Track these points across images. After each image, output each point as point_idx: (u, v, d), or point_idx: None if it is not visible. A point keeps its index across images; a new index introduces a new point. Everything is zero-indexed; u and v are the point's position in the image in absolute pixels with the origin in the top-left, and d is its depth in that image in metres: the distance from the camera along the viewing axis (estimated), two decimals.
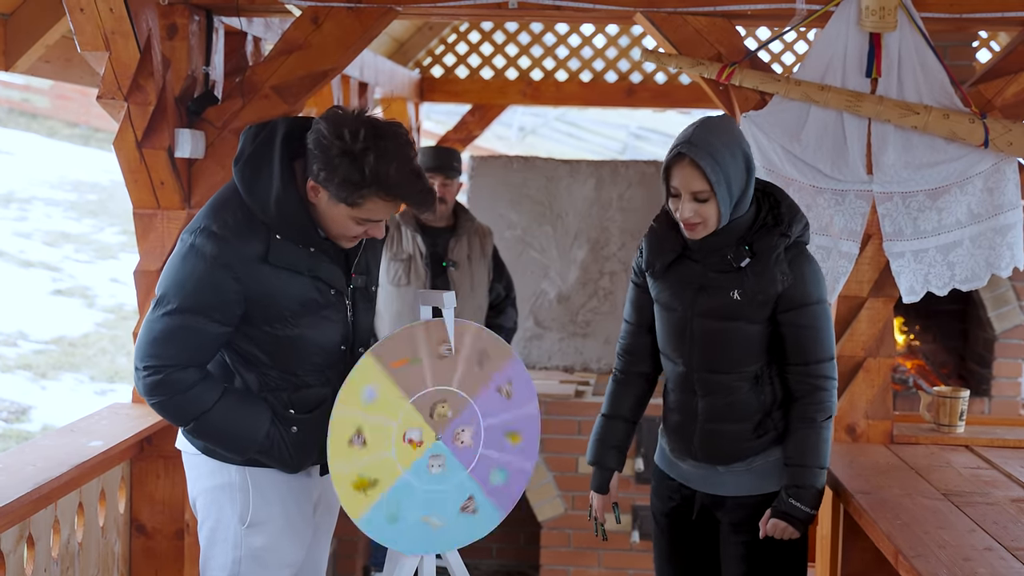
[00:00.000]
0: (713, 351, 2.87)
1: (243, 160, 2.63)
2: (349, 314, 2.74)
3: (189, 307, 2.56)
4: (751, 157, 2.81)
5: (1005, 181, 3.47)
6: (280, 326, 2.63)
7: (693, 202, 2.77)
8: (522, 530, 5.67)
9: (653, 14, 3.56)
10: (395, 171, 2.54)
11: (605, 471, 3.09)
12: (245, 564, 2.74)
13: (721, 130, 2.77)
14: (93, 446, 3.22)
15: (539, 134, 21.14)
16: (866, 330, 3.56)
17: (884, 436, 3.58)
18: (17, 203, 13.92)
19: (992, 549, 2.56)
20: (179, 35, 3.57)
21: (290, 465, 2.73)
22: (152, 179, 3.54)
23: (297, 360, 2.68)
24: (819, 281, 2.86)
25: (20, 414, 8.13)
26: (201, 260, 2.56)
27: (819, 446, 2.83)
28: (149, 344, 2.58)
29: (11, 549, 2.80)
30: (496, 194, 5.96)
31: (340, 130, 2.53)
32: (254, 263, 2.58)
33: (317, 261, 2.66)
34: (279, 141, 2.61)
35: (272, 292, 2.60)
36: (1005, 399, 5.44)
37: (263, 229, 2.60)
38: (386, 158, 2.53)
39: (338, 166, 2.52)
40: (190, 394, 2.59)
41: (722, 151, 2.73)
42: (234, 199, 2.63)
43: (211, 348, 2.62)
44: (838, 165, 3.47)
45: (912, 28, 3.44)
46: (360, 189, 2.54)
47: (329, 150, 2.52)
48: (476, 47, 7.27)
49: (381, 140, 2.54)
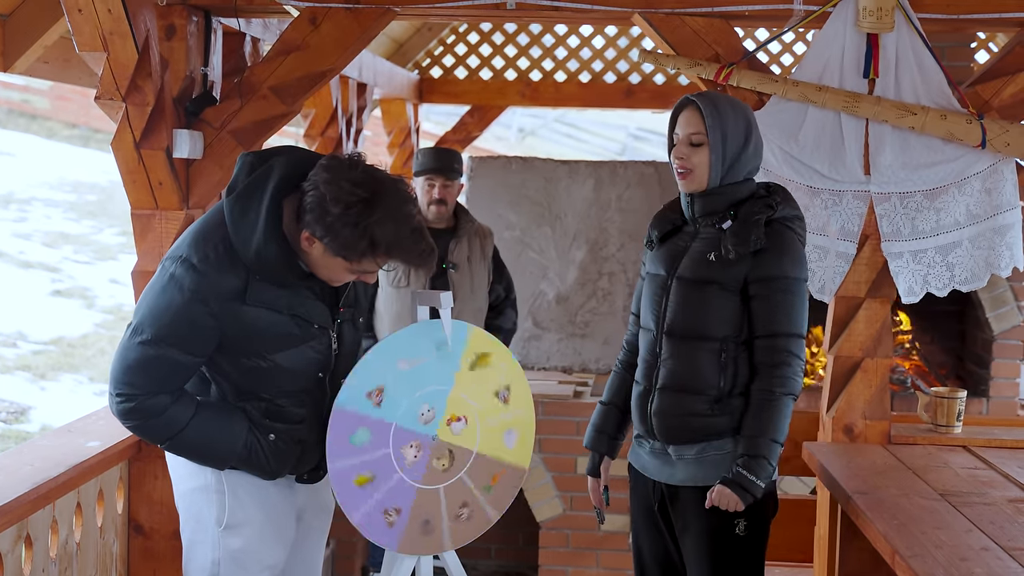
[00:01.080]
0: (683, 312, 2.90)
1: (234, 195, 2.59)
2: (333, 346, 2.74)
3: (163, 338, 2.56)
4: (755, 131, 2.92)
5: (1003, 181, 3.47)
6: (255, 359, 2.64)
7: (687, 146, 2.90)
8: (520, 530, 5.67)
9: (651, 15, 3.56)
10: (395, 237, 2.52)
11: (596, 455, 3.15)
12: (224, 566, 2.75)
13: (734, 99, 2.96)
14: (91, 446, 3.22)
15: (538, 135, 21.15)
16: (863, 331, 3.56)
17: (882, 436, 3.58)
18: (16, 204, 13.92)
19: (989, 549, 2.56)
20: (177, 36, 3.57)
21: (268, 472, 2.74)
22: (150, 180, 3.54)
23: (271, 387, 2.68)
24: (796, 259, 2.87)
25: (19, 415, 8.13)
26: (179, 293, 2.56)
27: (775, 419, 2.80)
28: (123, 372, 2.59)
29: (9, 549, 2.80)
30: (495, 195, 5.96)
31: (339, 192, 2.48)
32: (231, 300, 2.58)
33: (298, 299, 2.64)
34: (271, 187, 2.56)
35: (248, 329, 2.60)
36: (1003, 400, 5.43)
37: (243, 266, 2.58)
38: (386, 224, 2.50)
39: (338, 231, 2.50)
40: (163, 417, 2.61)
41: (725, 106, 2.89)
42: (219, 231, 2.60)
43: (184, 377, 2.63)
44: (835, 166, 3.47)
45: (909, 29, 3.44)
46: (360, 254, 2.53)
47: (328, 213, 2.49)
48: (475, 48, 7.28)
49: (381, 204, 2.50)
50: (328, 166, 2.53)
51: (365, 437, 2.68)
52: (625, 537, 5.13)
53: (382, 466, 2.71)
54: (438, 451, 2.77)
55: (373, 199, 2.50)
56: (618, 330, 5.92)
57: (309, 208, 2.52)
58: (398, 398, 2.71)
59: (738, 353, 2.87)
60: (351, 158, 2.56)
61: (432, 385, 2.77)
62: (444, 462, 2.78)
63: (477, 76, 7.32)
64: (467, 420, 2.81)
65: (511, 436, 2.90)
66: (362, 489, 2.69)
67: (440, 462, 2.78)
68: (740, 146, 2.88)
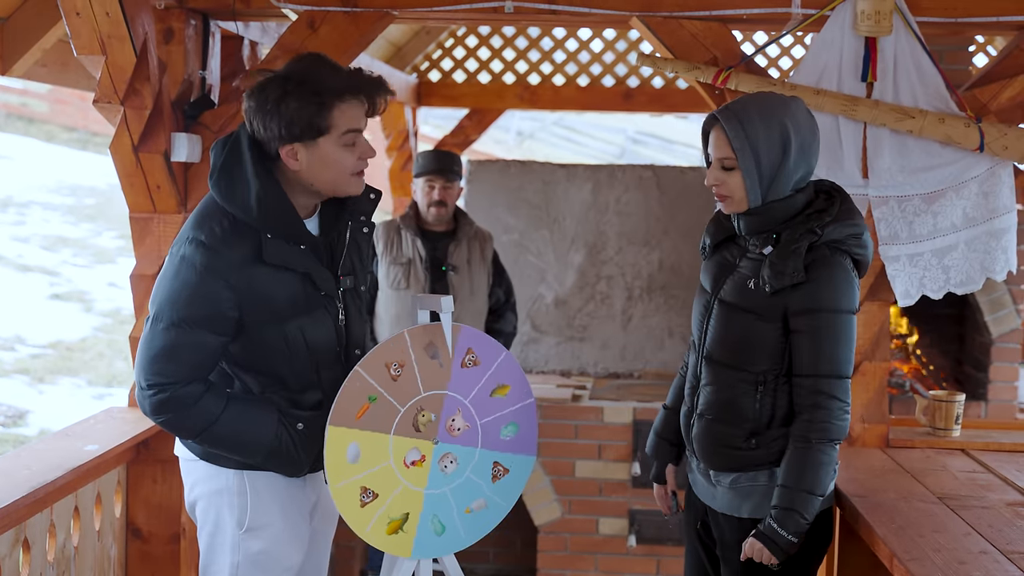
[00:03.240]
0: (722, 339, 2.76)
1: (216, 172, 2.61)
2: (341, 316, 2.74)
3: (185, 320, 2.54)
4: (795, 138, 2.65)
5: (1000, 185, 3.48)
6: (272, 328, 2.62)
7: (719, 170, 2.71)
8: (519, 534, 5.67)
9: (649, 18, 3.56)
10: (329, 75, 2.57)
11: (659, 462, 3.08)
12: (244, 568, 2.74)
13: (766, 103, 2.68)
14: (89, 450, 3.22)
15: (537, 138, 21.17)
16: (862, 334, 3.55)
17: (880, 440, 3.58)
18: (15, 207, 13.92)
19: (987, 553, 2.56)
20: (175, 39, 3.58)
21: (296, 464, 2.71)
22: (148, 183, 3.54)
23: (291, 362, 2.67)
24: (840, 290, 2.65)
25: (17, 418, 8.12)
26: (192, 272, 2.54)
27: (811, 469, 2.63)
28: (151, 362, 2.56)
29: (6, 553, 2.80)
30: (493, 198, 5.97)
31: (263, 89, 2.56)
32: (247, 266, 2.57)
33: (309, 259, 2.65)
34: (245, 145, 2.60)
35: (266, 293, 2.59)
36: (1001, 403, 5.43)
37: (251, 232, 2.59)
38: (315, 72, 2.55)
39: (288, 109, 2.53)
40: (196, 407, 2.57)
41: (754, 120, 2.64)
42: (217, 209, 2.61)
43: (212, 359, 2.61)
44: (833, 169, 3.47)
45: (907, 32, 3.45)
46: (320, 109, 2.54)
47: (268, 108, 2.54)
48: (473, 51, 7.28)
49: (298, 65, 2.58)
50: (247, 91, 2.62)
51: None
52: (623, 541, 5.13)
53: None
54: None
55: (287, 69, 2.57)
56: (616, 333, 5.92)
57: (262, 127, 2.57)
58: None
59: (778, 386, 2.72)
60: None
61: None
62: (429, 416, 2.77)
63: (475, 79, 7.32)
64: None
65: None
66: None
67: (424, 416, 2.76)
68: (777, 163, 2.65)
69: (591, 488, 5.13)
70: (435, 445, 2.75)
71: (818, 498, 2.64)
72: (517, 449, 2.87)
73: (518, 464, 2.87)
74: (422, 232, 4.65)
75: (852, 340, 2.69)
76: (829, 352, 2.65)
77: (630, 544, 5.12)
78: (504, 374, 2.85)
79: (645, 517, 5.11)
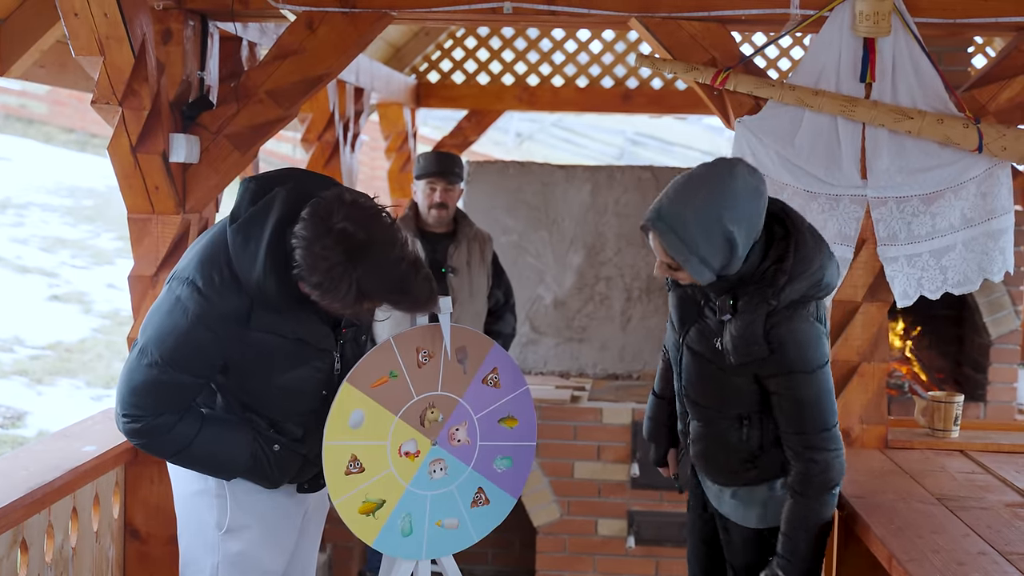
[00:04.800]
0: (695, 384, 2.82)
1: (236, 224, 2.56)
2: (336, 366, 2.74)
3: (168, 361, 2.57)
4: (738, 229, 2.52)
5: (998, 186, 3.48)
6: (260, 381, 2.66)
7: (664, 267, 2.66)
8: (517, 535, 5.66)
9: (647, 19, 3.56)
10: (383, 286, 2.47)
11: (658, 446, 3.18)
12: (224, 569, 2.76)
13: (700, 201, 2.51)
14: (87, 451, 3.22)
15: (536, 140, 21.15)
16: (860, 335, 3.56)
17: (879, 441, 3.58)
18: (14, 209, 13.91)
19: (986, 553, 2.56)
20: (174, 40, 3.57)
21: (271, 481, 2.76)
22: (147, 184, 3.53)
23: (275, 407, 2.70)
24: (809, 348, 2.61)
25: (16, 419, 8.11)
26: (183, 316, 2.55)
27: (813, 517, 2.68)
28: (130, 394, 2.61)
29: (4, 554, 2.79)
30: (492, 199, 5.96)
31: (317, 260, 2.42)
32: (236, 324, 2.57)
33: (301, 323, 2.64)
34: (272, 221, 2.51)
35: (253, 351, 2.61)
36: (1000, 404, 5.43)
37: (247, 292, 2.57)
38: (371, 277, 2.44)
39: (326, 290, 2.45)
40: (170, 435, 2.63)
41: (690, 227, 2.51)
42: (224, 255, 2.58)
43: (189, 397, 2.65)
44: (832, 170, 3.47)
45: (906, 33, 3.44)
46: (353, 306, 2.50)
47: (316, 270, 2.43)
48: (472, 53, 7.28)
49: (364, 257, 2.43)
50: (310, 220, 2.45)
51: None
52: (622, 542, 5.12)
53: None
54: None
55: (354, 254, 2.42)
56: (615, 334, 5.92)
57: (300, 260, 2.46)
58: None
59: (763, 418, 2.75)
60: (338, 202, 2.45)
61: None
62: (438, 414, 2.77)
63: (474, 81, 7.32)
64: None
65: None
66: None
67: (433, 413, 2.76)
68: (725, 257, 2.55)
69: (590, 489, 5.13)
70: (432, 446, 2.76)
71: (815, 541, 2.70)
72: (504, 485, 2.86)
73: (499, 499, 2.86)
74: (421, 233, 4.65)
75: (829, 391, 2.68)
76: (810, 410, 2.66)
77: (629, 545, 5.11)
78: (518, 408, 2.86)
79: (644, 518, 5.10)
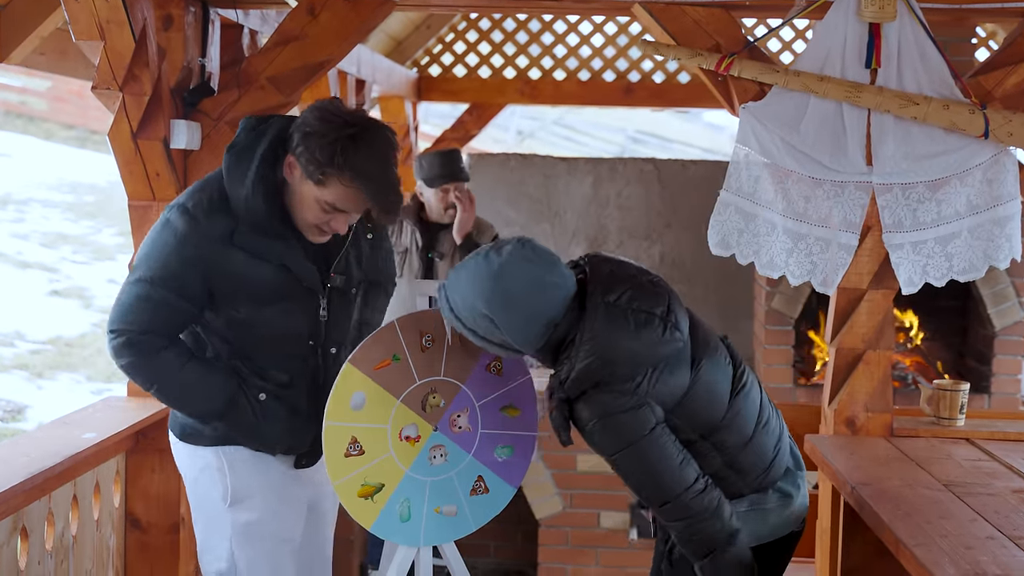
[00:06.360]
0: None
1: (232, 150, 2.70)
2: (322, 312, 2.75)
3: (156, 278, 2.64)
4: (499, 314, 2.44)
5: (1005, 172, 3.45)
6: (243, 309, 2.68)
7: (463, 340, 2.62)
8: (520, 528, 5.64)
9: (651, 5, 3.54)
10: (365, 162, 2.57)
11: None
12: (238, 541, 2.76)
13: (471, 284, 2.47)
14: (87, 438, 3.20)
15: (537, 137, 21.13)
16: (866, 322, 3.53)
17: (884, 429, 3.56)
18: (14, 205, 13.91)
19: (994, 538, 2.54)
20: (175, 26, 3.55)
21: (259, 437, 2.74)
22: (147, 170, 3.51)
23: (260, 347, 2.72)
24: (607, 434, 2.47)
25: (16, 413, 8.11)
26: (172, 236, 2.64)
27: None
28: (120, 310, 2.68)
29: (4, 540, 2.77)
30: (494, 192, 5.95)
31: (329, 113, 2.60)
32: (221, 244, 2.64)
33: (288, 252, 2.68)
34: (267, 140, 2.66)
35: (237, 274, 2.65)
36: (1005, 396, 5.41)
37: (233, 214, 2.66)
38: (362, 149, 2.57)
39: (313, 143, 2.57)
40: (157, 358, 2.67)
41: (459, 305, 2.50)
42: (217, 182, 2.70)
43: (176, 322, 2.69)
44: (837, 156, 3.45)
45: (912, 18, 3.42)
46: (325, 167, 2.57)
47: (311, 125, 2.59)
48: (474, 46, 7.26)
49: (365, 132, 2.59)
50: (325, 102, 2.65)
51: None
52: (624, 535, 5.10)
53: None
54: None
55: (357, 125, 2.59)
56: None
57: (296, 127, 2.61)
58: None
59: (693, 457, 2.56)
60: (352, 105, 2.66)
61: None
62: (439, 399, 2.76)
63: (476, 74, 7.31)
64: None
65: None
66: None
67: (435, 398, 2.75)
68: (498, 335, 2.48)
69: (592, 482, 5.11)
70: (433, 431, 2.74)
71: None
72: (503, 474, 2.84)
73: (499, 489, 2.84)
74: (422, 223, 4.66)
75: (662, 457, 2.49)
76: (647, 485, 2.53)
77: (631, 538, 5.09)
78: (520, 397, 2.84)
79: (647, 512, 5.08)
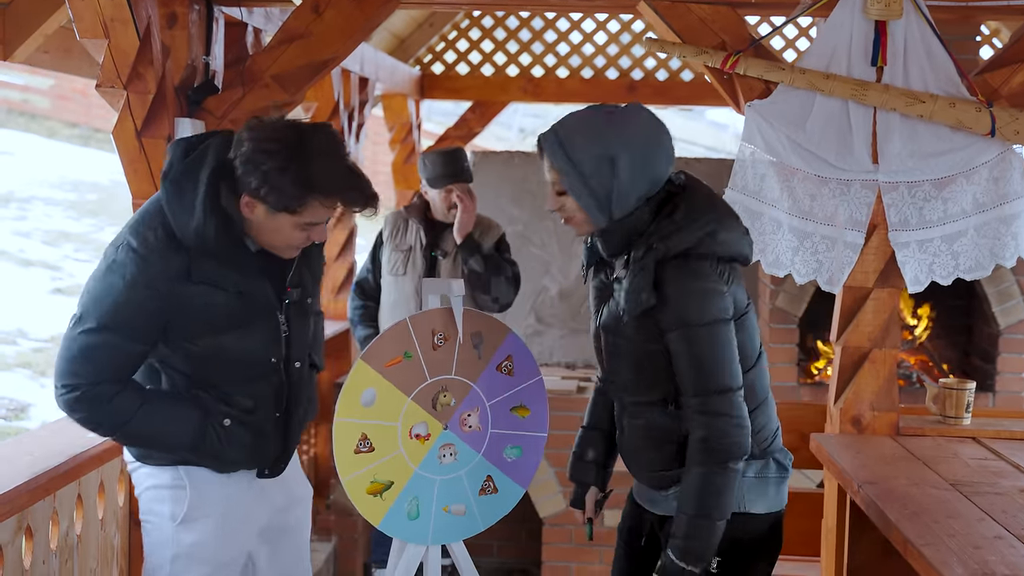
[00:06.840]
0: (616, 369, 2.64)
1: (168, 179, 2.58)
2: (283, 328, 2.70)
3: (107, 325, 2.53)
4: (622, 156, 2.48)
5: (1011, 170, 3.44)
6: (202, 341, 2.60)
7: (554, 195, 2.58)
8: (524, 527, 5.64)
9: (657, 2, 3.53)
10: (331, 174, 2.52)
11: (579, 486, 2.91)
12: (181, 562, 2.70)
13: (591, 124, 2.51)
14: (91, 437, 3.18)
15: None
16: (872, 321, 3.52)
17: (890, 428, 3.55)
18: (17, 203, 13.91)
19: (1002, 537, 2.53)
20: (179, 24, 3.54)
21: (221, 461, 2.69)
22: (152, 169, 3.50)
23: (221, 375, 2.64)
24: (700, 301, 2.46)
25: (19, 411, 8.11)
26: (120, 278, 2.53)
27: (710, 496, 2.46)
28: (67, 362, 2.56)
29: (9, 540, 2.76)
30: (497, 189, 5.94)
31: (266, 143, 2.50)
32: (175, 281, 2.54)
33: (243, 277, 2.61)
34: (207, 166, 2.55)
35: (194, 310, 2.57)
36: (1009, 394, 5.40)
37: (184, 247, 2.55)
38: (319, 161, 2.50)
39: (274, 181, 2.48)
40: (109, 406, 2.57)
41: (577, 143, 2.49)
42: (158, 215, 2.58)
43: (129, 365, 2.60)
44: (843, 154, 3.44)
45: (918, 16, 3.41)
46: (300, 200, 2.51)
47: (260, 165, 2.49)
48: (477, 44, 7.26)
49: (309, 144, 2.51)
50: (250, 125, 2.55)
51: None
52: None
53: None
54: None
55: (301, 140, 2.51)
56: None
57: (242, 168, 2.51)
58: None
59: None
60: (271, 117, 2.59)
61: None
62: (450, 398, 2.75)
63: (479, 72, 7.30)
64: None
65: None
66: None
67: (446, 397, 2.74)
68: (608, 181, 2.48)
69: None
70: (443, 430, 2.73)
71: (716, 523, 2.47)
72: (513, 474, 2.84)
73: (508, 489, 2.84)
74: (427, 221, 4.64)
75: (729, 349, 2.49)
76: (708, 368, 2.47)
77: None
78: (530, 397, 2.84)
79: None
